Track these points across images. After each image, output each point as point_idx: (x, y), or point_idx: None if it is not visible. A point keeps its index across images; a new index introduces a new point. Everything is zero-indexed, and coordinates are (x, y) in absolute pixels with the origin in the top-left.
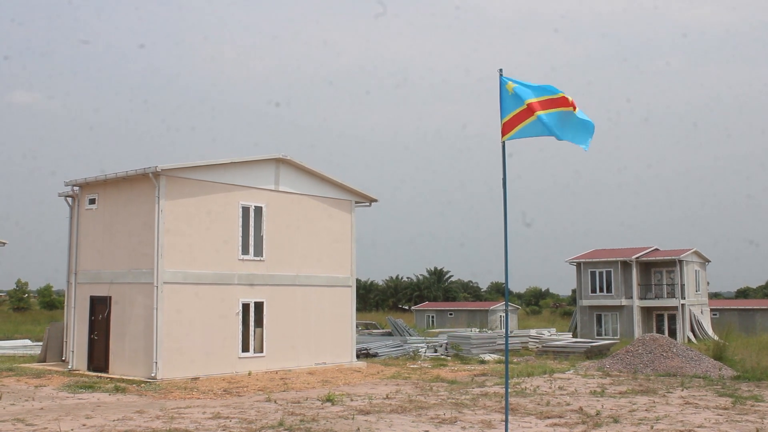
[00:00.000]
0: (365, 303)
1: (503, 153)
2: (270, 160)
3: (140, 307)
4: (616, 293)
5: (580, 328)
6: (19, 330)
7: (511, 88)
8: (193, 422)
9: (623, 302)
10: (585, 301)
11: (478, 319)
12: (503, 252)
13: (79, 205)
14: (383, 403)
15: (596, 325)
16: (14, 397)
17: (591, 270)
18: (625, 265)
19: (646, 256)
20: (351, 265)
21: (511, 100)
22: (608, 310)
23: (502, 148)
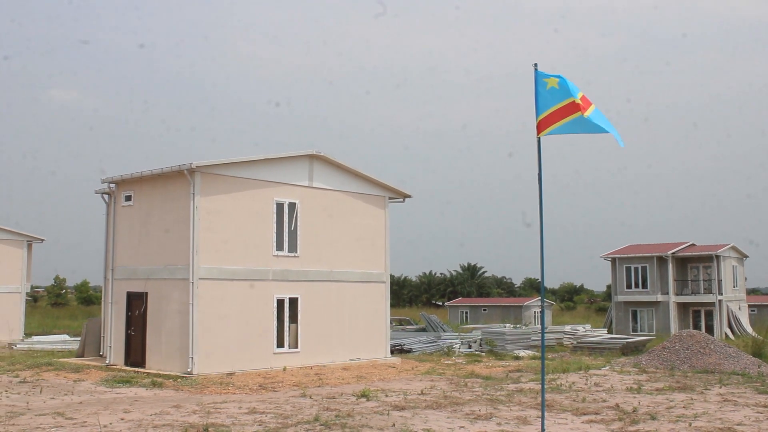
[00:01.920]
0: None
1: (539, 148)
2: (303, 156)
3: (176, 302)
4: (651, 289)
5: (616, 324)
6: (57, 325)
7: (553, 83)
8: (230, 417)
9: (659, 298)
10: (620, 296)
11: (512, 314)
12: (538, 247)
13: (116, 202)
14: (418, 398)
15: (632, 321)
16: (54, 391)
17: (626, 265)
18: (661, 261)
19: (682, 251)
20: (385, 261)
21: (549, 96)
22: (644, 306)
23: (538, 144)
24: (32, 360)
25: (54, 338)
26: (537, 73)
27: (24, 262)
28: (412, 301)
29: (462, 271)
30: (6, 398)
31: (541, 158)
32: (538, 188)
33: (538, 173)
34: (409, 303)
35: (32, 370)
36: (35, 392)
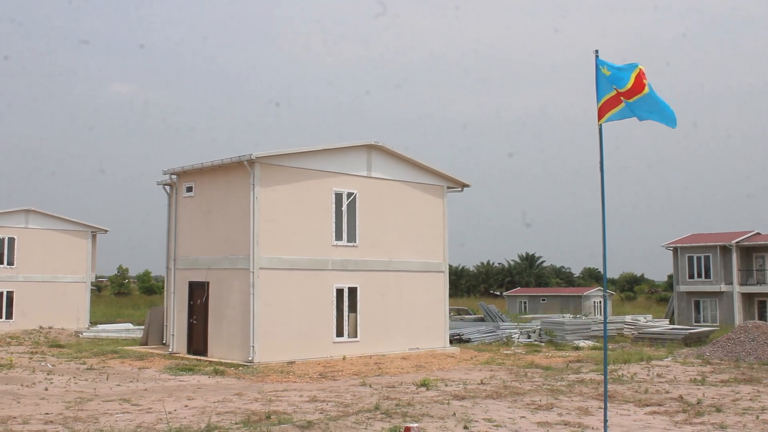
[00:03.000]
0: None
1: (600, 136)
2: (362, 146)
3: (237, 292)
4: (715, 279)
5: (678, 314)
6: (121, 314)
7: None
8: (291, 405)
9: (722, 288)
10: (682, 286)
11: (572, 304)
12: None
13: (177, 193)
14: (478, 388)
15: (694, 312)
16: (119, 378)
17: (689, 255)
18: (725, 250)
19: (747, 240)
20: (443, 250)
21: (606, 83)
22: (707, 296)
23: (599, 132)
24: (98, 348)
25: (118, 327)
26: (597, 60)
27: (89, 252)
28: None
29: (520, 260)
30: (74, 384)
31: (602, 146)
32: (600, 176)
33: (600, 161)
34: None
35: (98, 357)
36: (102, 379)
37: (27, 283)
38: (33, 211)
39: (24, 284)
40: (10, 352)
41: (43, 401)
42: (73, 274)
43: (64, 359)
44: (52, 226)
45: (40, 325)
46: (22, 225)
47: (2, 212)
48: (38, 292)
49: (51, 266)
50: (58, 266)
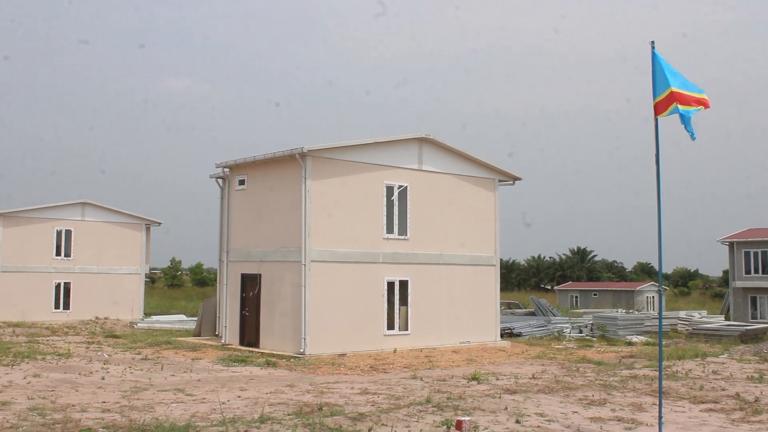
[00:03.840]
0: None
1: (656, 129)
2: (413, 139)
3: (289, 284)
4: None
5: (733, 310)
6: (174, 306)
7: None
8: (343, 397)
9: None
10: (739, 282)
11: (624, 299)
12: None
13: (230, 186)
14: (529, 382)
15: (751, 308)
16: (174, 369)
17: (745, 250)
18: None
19: None
20: (495, 244)
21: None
22: (764, 292)
23: (655, 125)
24: (152, 338)
25: (171, 318)
26: (654, 53)
27: (143, 244)
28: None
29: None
30: (130, 374)
31: (658, 139)
32: (656, 170)
33: (656, 154)
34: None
35: (153, 348)
36: (156, 369)
37: (83, 275)
38: (89, 204)
39: (80, 276)
40: (68, 341)
41: (100, 390)
42: (128, 266)
43: (119, 349)
44: (107, 218)
45: (96, 316)
46: (79, 218)
47: (59, 205)
48: (94, 283)
49: (106, 258)
50: (114, 258)
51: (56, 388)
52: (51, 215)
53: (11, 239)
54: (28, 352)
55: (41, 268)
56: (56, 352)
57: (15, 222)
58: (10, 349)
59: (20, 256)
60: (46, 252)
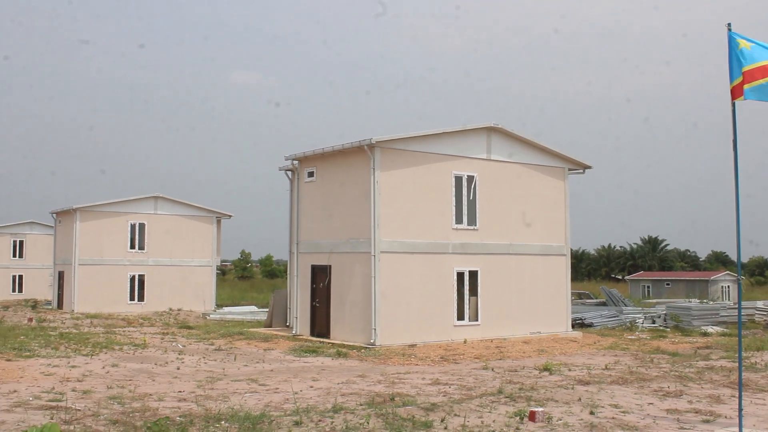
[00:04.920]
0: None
1: (733, 115)
2: (481, 129)
3: (358, 275)
4: None
5: None
6: (245, 297)
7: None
8: (414, 387)
9: None
10: None
11: (698, 289)
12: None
13: (299, 178)
14: (602, 373)
15: None
16: (246, 359)
17: None
18: None
19: None
20: (565, 233)
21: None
22: None
23: (732, 110)
24: (225, 329)
25: (243, 309)
26: (730, 35)
27: (214, 237)
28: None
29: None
30: (204, 364)
31: (735, 124)
32: (734, 156)
33: (733, 140)
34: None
35: (225, 338)
36: (230, 359)
37: (157, 267)
38: (161, 197)
39: (154, 268)
40: (143, 332)
41: (175, 380)
42: (199, 258)
43: (193, 340)
44: (179, 212)
45: (170, 307)
46: (152, 211)
47: (133, 199)
48: (167, 275)
49: (179, 251)
50: (186, 250)
51: (134, 378)
52: (125, 209)
53: (88, 233)
54: (105, 343)
55: (116, 261)
56: (132, 343)
57: (91, 216)
58: (89, 340)
59: (96, 250)
60: (120, 245)
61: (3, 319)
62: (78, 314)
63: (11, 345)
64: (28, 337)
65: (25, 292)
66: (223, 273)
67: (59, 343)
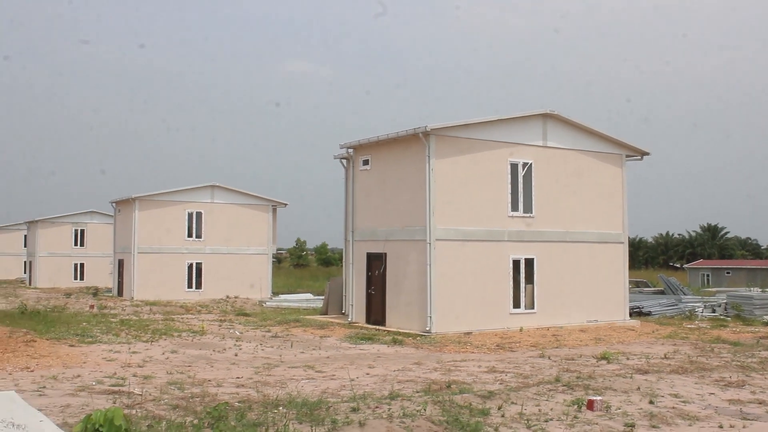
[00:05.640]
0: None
1: None
2: (537, 115)
3: (414, 263)
4: None
5: None
6: (300, 285)
7: None
8: (470, 375)
9: None
10: None
11: (759, 278)
12: None
13: (354, 166)
14: (661, 362)
15: None
16: (303, 346)
17: None
18: None
19: None
20: (622, 221)
21: None
22: None
23: None
24: (281, 317)
25: (298, 297)
26: None
27: (270, 225)
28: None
29: (702, 231)
30: (261, 351)
31: None
32: None
33: None
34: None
35: (282, 326)
36: (286, 346)
37: (214, 255)
38: (218, 186)
39: (211, 256)
40: (201, 319)
41: (233, 366)
42: (255, 246)
43: (250, 327)
44: (235, 200)
45: (227, 295)
46: (208, 200)
47: (190, 188)
48: (224, 263)
49: (235, 239)
50: (242, 239)
51: (192, 364)
52: (183, 198)
53: (146, 222)
54: (165, 330)
55: (174, 250)
56: (191, 330)
57: (150, 205)
58: (149, 327)
59: (155, 238)
60: (178, 234)
61: (66, 306)
62: (137, 301)
63: (74, 331)
64: (90, 324)
65: (86, 279)
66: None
67: (120, 329)
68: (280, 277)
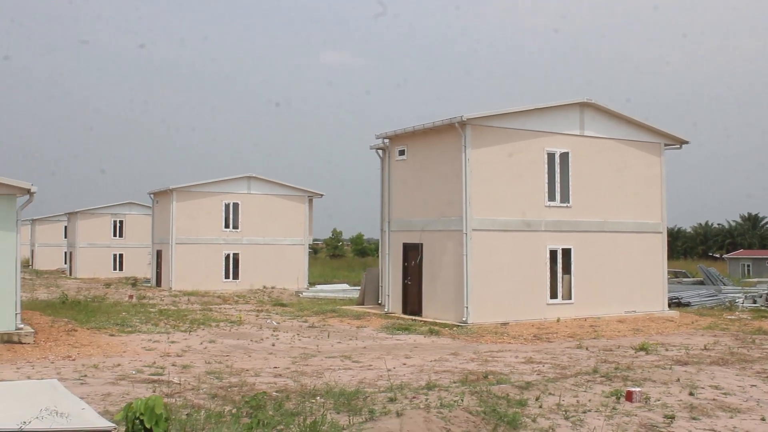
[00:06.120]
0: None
1: None
2: (574, 104)
3: (450, 253)
4: None
5: None
6: (336, 275)
7: None
8: (507, 366)
9: None
10: None
11: None
12: None
13: (390, 156)
14: (701, 354)
15: None
16: (340, 336)
17: None
18: None
19: None
20: (661, 210)
21: None
22: None
23: None
24: (318, 307)
25: (335, 287)
26: None
27: (306, 216)
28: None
29: (742, 221)
30: (298, 341)
31: None
32: None
33: None
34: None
35: (318, 316)
36: (323, 336)
37: (251, 246)
38: (254, 177)
39: (248, 247)
40: (239, 309)
41: (271, 356)
42: (292, 237)
43: (287, 317)
44: (271, 191)
45: (264, 285)
46: (245, 191)
47: (227, 179)
48: (261, 254)
49: (272, 229)
50: (278, 229)
51: (230, 354)
52: (219, 189)
53: (184, 213)
54: (203, 320)
55: (212, 240)
56: (228, 320)
57: (187, 196)
58: (187, 317)
59: (192, 229)
60: (215, 224)
61: (106, 296)
62: (175, 291)
63: (114, 321)
64: (129, 314)
65: (125, 270)
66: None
67: (159, 319)
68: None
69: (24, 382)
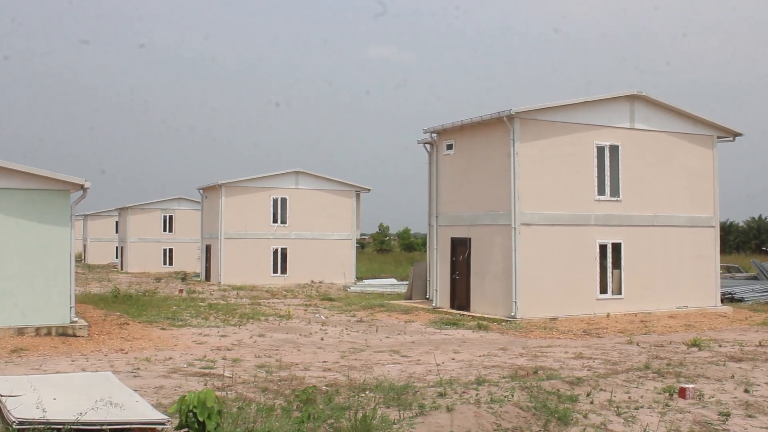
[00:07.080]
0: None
1: None
2: (623, 97)
3: (499, 248)
4: None
5: None
6: (383, 270)
7: None
8: (557, 361)
9: None
10: None
11: None
12: None
13: (437, 151)
14: (756, 350)
15: None
16: (388, 331)
17: None
18: None
19: None
20: (714, 204)
21: None
22: None
23: None
24: (365, 301)
25: (382, 282)
26: None
27: (353, 211)
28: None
29: None
30: (347, 335)
31: None
32: None
33: None
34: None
35: (366, 310)
36: (371, 331)
37: (298, 240)
38: (302, 172)
39: (296, 241)
40: (287, 304)
41: (320, 350)
42: (339, 232)
43: (335, 312)
44: (319, 186)
45: (312, 280)
46: (293, 186)
47: (275, 174)
48: (308, 248)
49: (319, 224)
50: (326, 224)
51: (280, 348)
52: (268, 184)
53: (232, 208)
54: (252, 314)
55: (260, 235)
56: (277, 314)
57: (236, 191)
58: (236, 311)
59: (241, 224)
60: (264, 219)
61: (156, 291)
62: (225, 286)
63: (165, 314)
64: (179, 308)
65: (175, 264)
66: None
67: (209, 313)
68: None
69: (79, 374)
